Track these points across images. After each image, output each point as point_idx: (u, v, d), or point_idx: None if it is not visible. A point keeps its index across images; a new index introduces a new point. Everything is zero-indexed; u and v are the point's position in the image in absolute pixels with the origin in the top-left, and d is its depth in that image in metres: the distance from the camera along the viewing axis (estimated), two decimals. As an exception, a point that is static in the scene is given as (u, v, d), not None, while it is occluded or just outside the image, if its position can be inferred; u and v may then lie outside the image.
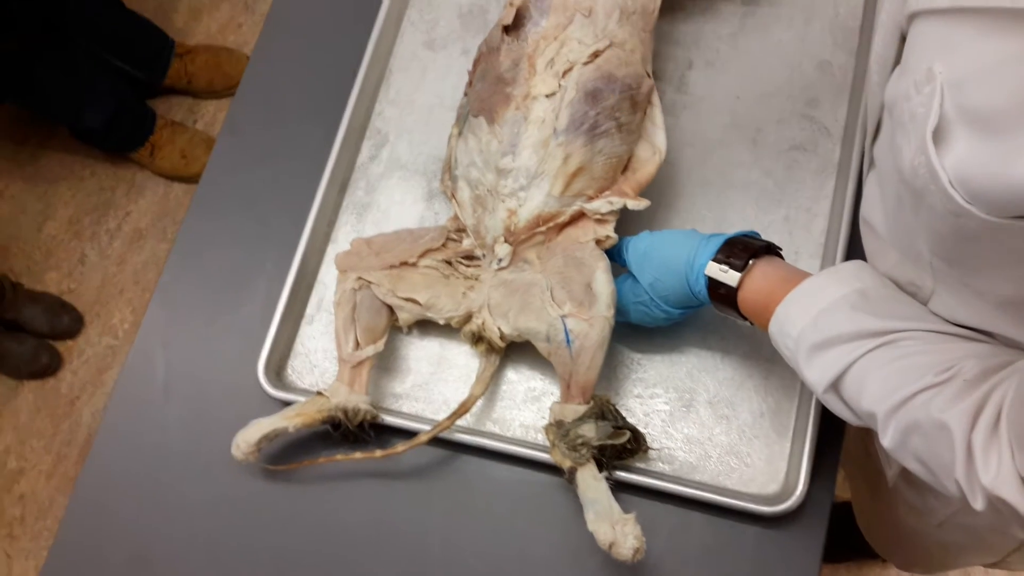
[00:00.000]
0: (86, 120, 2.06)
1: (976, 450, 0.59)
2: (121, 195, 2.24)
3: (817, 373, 0.72)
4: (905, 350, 0.67)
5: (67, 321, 2.11)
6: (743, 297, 0.81)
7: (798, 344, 0.73)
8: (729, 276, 0.81)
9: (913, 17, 0.57)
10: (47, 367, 2.08)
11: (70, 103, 2.04)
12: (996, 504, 0.59)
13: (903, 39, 0.60)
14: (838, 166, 1.02)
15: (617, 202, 0.92)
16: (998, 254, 0.56)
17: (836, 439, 0.92)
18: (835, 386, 0.71)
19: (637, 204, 0.93)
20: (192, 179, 2.20)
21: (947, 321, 0.69)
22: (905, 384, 0.64)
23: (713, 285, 0.83)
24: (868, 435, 0.99)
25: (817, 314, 0.72)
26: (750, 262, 0.81)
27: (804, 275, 0.79)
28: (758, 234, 0.87)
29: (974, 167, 0.51)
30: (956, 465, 0.60)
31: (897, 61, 0.62)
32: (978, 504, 0.60)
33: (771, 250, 0.84)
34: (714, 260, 0.83)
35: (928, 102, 0.52)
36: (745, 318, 0.83)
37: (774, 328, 0.76)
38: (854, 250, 0.95)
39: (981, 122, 0.50)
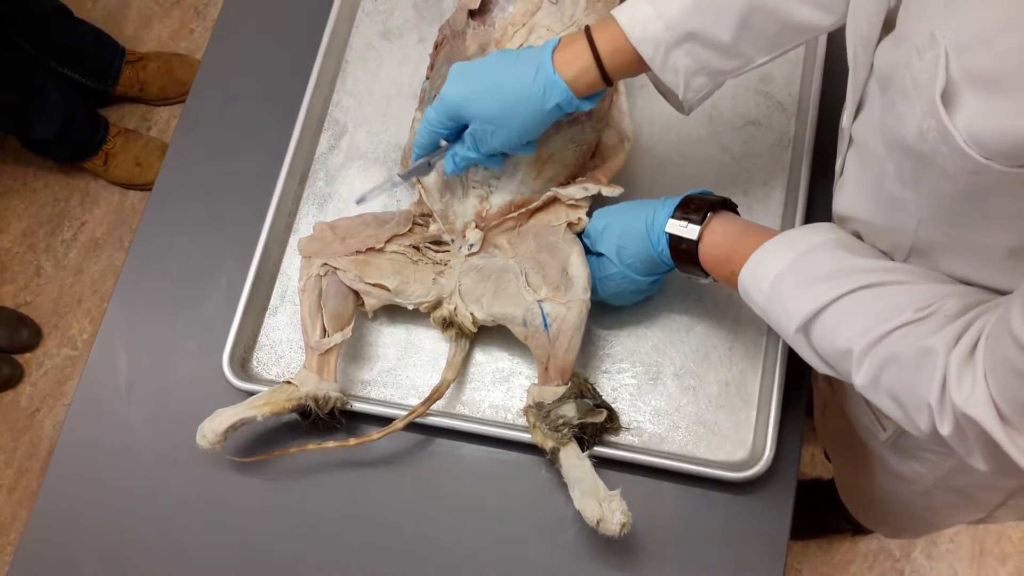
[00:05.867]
0: (37, 131, 2.03)
1: (951, 370, 0.60)
2: (75, 205, 2.21)
3: (792, 312, 0.73)
4: (884, 291, 0.68)
5: (25, 335, 2.08)
6: (704, 250, 0.83)
7: (774, 285, 0.74)
8: (689, 230, 0.83)
9: None
10: (9, 379, 2.04)
11: (20, 114, 2.00)
12: (963, 425, 0.60)
13: (887, 14, 0.62)
14: (793, 140, 1.04)
15: (592, 188, 0.94)
16: (1011, 206, 0.58)
17: (800, 404, 0.94)
18: (807, 326, 0.72)
19: (611, 191, 0.94)
20: (147, 186, 2.17)
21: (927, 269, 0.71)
22: (884, 320, 0.66)
23: (674, 242, 0.84)
24: (850, 404, 1.01)
25: (796, 256, 0.74)
26: (708, 215, 0.83)
27: (762, 228, 0.82)
28: (712, 192, 0.88)
29: (988, 125, 0.52)
30: (932, 388, 0.61)
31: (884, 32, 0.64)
32: (945, 428, 0.62)
33: (727, 205, 0.86)
34: (673, 218, 0.85)
35: (932, 67, 0.54)
36: (708, 274, 0.85)
37: (746, 274, 0.77)
38: (813, 221, 0.97)
39: (991, 83, 0.51)
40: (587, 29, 0.83)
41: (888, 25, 0.65)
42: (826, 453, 1.50)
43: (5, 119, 2.03)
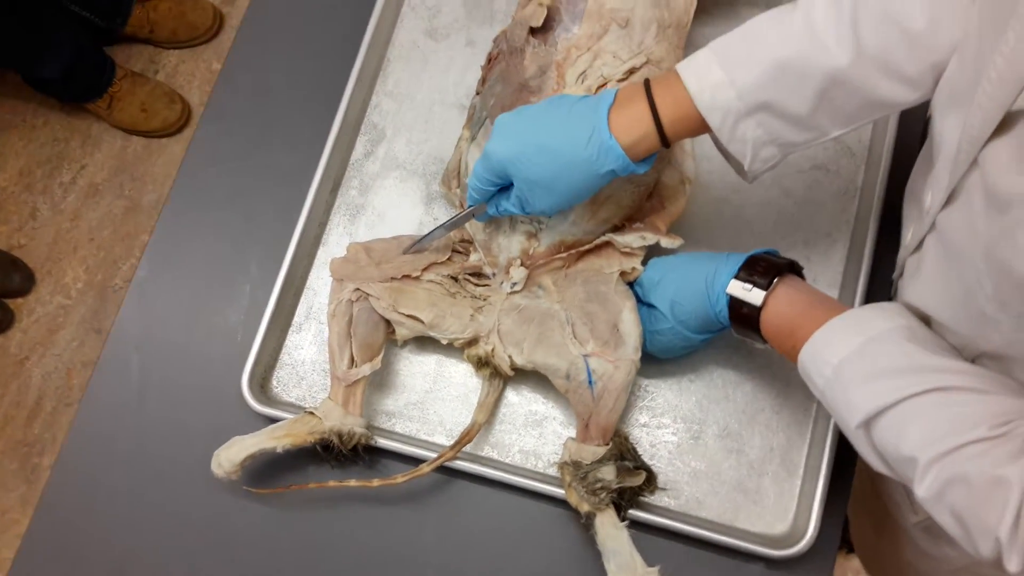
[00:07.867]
0: (42, 70, 1.94)
1: None
2: (76, 147, 2.13)
3: (855, 406, 0.67)
4: (957, 398, 0.63)
5: (18, 279, 2.01)
6: (766, 318, 0.77)
7: (838, 373, 0.69)
8: (753, 295, 0.78)
9: None
10: (-1, 323, 1.99)
11: (26, 52, 1.91)
12: None
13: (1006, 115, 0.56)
14: (861, 189, 0.98)
15: (650, 238, 0.87)
16: None
17: (847, 480, 0.89)
18: (869, 423, 0.67)
19: (671, 242, 0.88)
20: (152, 133, 2.09)
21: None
22: (955, 433, 0.61)
23: (735, 305, 0.79)
24: (879, 476, 0.97)
25: (864, 342, 0.68)
26: (774, 281, 0.77)
27: (831, 300, 0.76)
28: (778, 252, 0.83)
29: None
30: (1003, 522, 0.57)
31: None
32: (1014, 565, 0.58)
33: (793, 268, 0.81)
34: (736, 278, 0.79)
35: None
36: (765, 341, 0.79)
37: (807, 354, 0.72)
38: (875, 282, 0.91)
39: None
40: (647, 86, 0.76)
41: (1006, 123, 0.59)
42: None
43: (10, 56, 1.94)
